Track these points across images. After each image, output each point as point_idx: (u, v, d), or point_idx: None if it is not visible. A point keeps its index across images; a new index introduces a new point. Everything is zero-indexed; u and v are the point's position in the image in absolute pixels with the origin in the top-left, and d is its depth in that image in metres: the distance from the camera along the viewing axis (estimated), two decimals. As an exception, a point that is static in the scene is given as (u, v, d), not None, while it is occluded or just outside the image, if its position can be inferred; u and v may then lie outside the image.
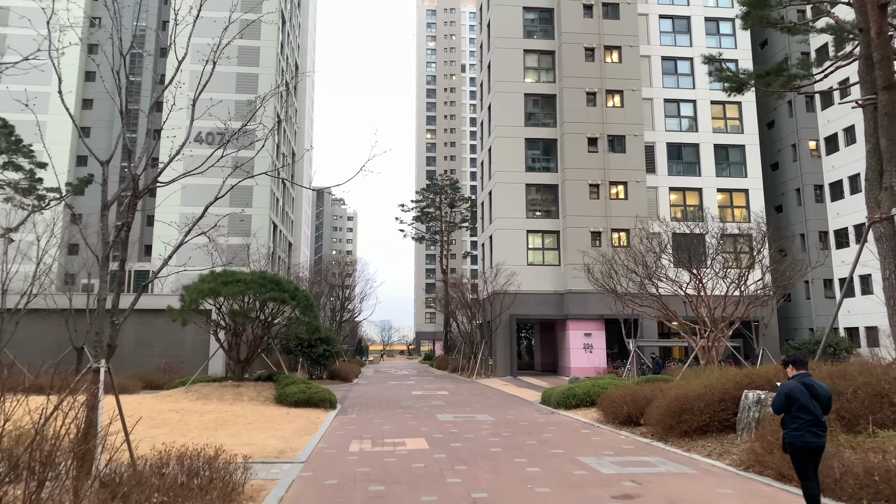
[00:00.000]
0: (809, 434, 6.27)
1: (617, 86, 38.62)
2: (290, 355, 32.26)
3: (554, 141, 39.01)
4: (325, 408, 18.15)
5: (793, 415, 6.35)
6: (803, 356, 6.81)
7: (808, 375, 6.54)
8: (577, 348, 35.74)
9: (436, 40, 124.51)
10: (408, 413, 17.70)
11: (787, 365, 6.76)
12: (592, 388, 18.09)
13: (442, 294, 63.71)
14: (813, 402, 6.31)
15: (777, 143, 42.36)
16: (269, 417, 15.52)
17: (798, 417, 6.31)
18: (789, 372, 6.69)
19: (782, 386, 6.53)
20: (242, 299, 20.25)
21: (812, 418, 6.27)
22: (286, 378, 20.08)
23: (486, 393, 25.14)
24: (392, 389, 27.24)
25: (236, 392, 19.09)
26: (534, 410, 18.50)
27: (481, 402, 20.88)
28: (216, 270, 20.49)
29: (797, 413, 6.31)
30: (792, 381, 6.50)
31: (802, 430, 6.29)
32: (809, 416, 6.27)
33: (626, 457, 10.48)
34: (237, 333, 20.84)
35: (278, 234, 64.94)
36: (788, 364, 6.73)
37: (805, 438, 6.28)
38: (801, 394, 6.32)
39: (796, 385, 6.40)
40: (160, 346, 30.41)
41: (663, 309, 20.90)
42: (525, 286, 36.32)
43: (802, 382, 6.42)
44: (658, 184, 39.28)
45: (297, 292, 20.58)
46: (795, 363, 6.65)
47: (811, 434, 6.27)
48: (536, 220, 38.27)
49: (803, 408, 6.28)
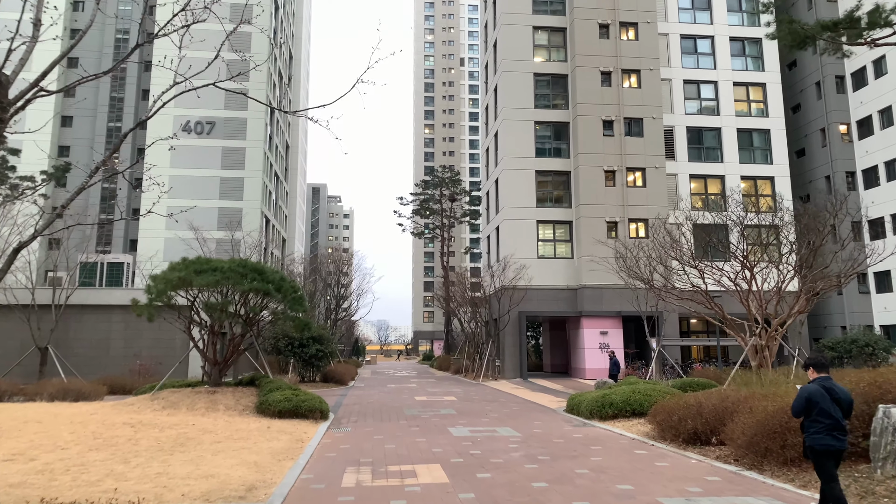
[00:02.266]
0: (830, 437, 6.09)
1: (633, 65, 35.79)
2: (279, 356, 29.38)
3: (566, 124, 36.16)
4: (314, 419, 15.26)
5: (813, 418, 6.19)
6: (825, 358, 6.53)
7: (829, 379, 6.33)
8: (592, 348, 32.91)
9: (434, 33, 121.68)
10: (413, 425, 14.83)
11: (807, 367, 6.54)
12: (633, 396, 15.26)
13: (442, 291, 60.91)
14: (834, 405, 6.14)
15: (804, 129, 39.59)
16: (244, 433, 12.62)
17: (818, 421, 6.15)
18: (810, 375, 6.46)
19: (802, 389, 6.34)
20: (220, 291, 17.35)
21: (833, 422, 6.10)
22: (270, 383, 17.18)
23: (499, 398, 22.28)
24: (392, 394, 24.37)
25: (211, 400, 16.19)
26: (562, 421, 15.65)
27: (497, 411, 18.01)
28: (189, 258, 17.59)
29: (817, 417, 6.15)
30: (813, 385, 6.30)
31: (823, 434, 6.11)
32: (830, 420, 6.10)
33: (725, 497, 7.63)
34: (214, 331, 17.94)
35: (271, 230, 62.00)
36: (809, 367, 6.50)
37: (825, 441, 6.10)
38: (821, 397, 6.15)
39: (817, 388, 6.22)
40: (136, 345, 27.46)
41: (710, 304, 18.07)
42: (536, 281, 33.47)
43: (823, 386, 6.24)
44: (678, 170, 36.47)
45: (284, 283, 17.68)
46: (816, 366, 6.42)
47: (832, 437, 6.09)
48: (547, 210, 35.41)
49: (824, 412, 6.12)
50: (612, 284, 32.27)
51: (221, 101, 57.44)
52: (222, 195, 56.21)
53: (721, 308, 18.19)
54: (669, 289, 19.55)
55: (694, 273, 19.73)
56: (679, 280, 20.13)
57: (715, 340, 29.80)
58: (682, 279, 19.66)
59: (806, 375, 6.74)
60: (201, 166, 56.17)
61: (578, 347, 33.89)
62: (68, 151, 57.71)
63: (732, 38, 38.14)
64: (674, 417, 11.60)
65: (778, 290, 18.02)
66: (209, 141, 56.76)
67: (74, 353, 26.39)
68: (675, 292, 19.42)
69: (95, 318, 27.17)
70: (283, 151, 70.18)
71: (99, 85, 59.05)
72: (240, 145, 57.16)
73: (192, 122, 57.04)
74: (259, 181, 56.80)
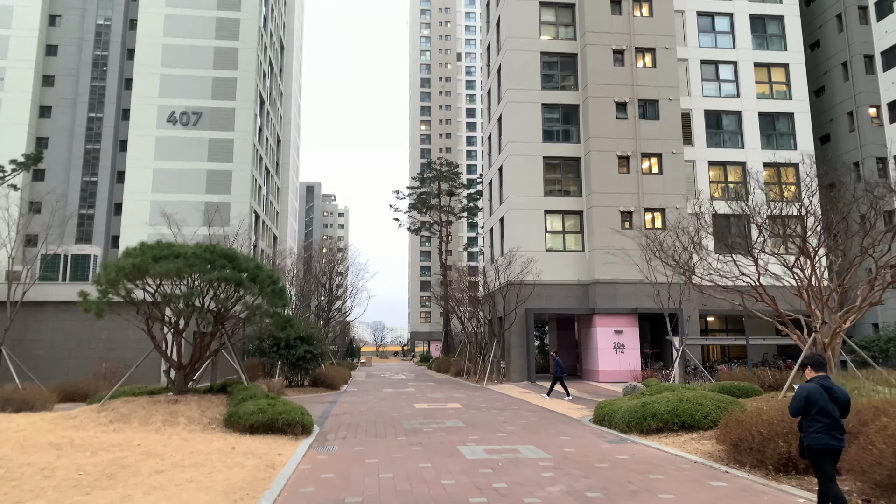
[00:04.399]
0: (828, 437, 6.02)
1: (648, 43, 33.17)
2: (263, 358, 26.64)
3: (575, 107, 33.50)
4: (294, 434, 12.53)
5: (811, 418, 6.12)
6: (822, 358, 6.51)
7: (826, 378, 6.28)
8: (606, 348, 30.24)
9: (430, 27, 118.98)
10: (415, 442, 12.13)
11: (805, 366, 6.49)
12: (680, 405, 12.58)
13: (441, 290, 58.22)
14: (832, 405, 6.07)
15: (828, 113, 37.02)
16: (200, 456, 9.89)
17: (817, 420, 6.07)
18: (808, 374, 6.40)
19: (800, 388, 6.27)
20: (185, 281, 14.62)
21: (831, 421, 6.04)
22: (244, 390, 14.42)
23: (510, 405, 19.58)
24: (389, 400, 21.64)
25: (170, 411, 13.45)
26: (593, 436, 12.96)
27: (513, 422, 15.30)
28: (149, 242, 14.84)
29: (816, 416, 6.08)
30: (811, 384, 6.23)
31: (822, 433, 6.03)
32: (829, 420, 6.04)
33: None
34: (179, 329, 15.20)
35: (261, 226, 59.17)
36: (807, 366, 6.44)
37: (825, 440, 6.02)
38: (820, 396, 6.08)
39: (815, 388, 6.15)
40: (102, 346, 24.65)
41: (765, 298, 15.42)
42: (544, 275, 30.80)
43: (822, 385, 6.17)
44: (696, 157, 33.85)
45: (260, 272, 14.95)
46: (815, 365, 6.38)
47: (830, 437, 6.02)
48: (556, 199, 32.74)
49: (822, 411, 6.06)
50: (628, 279, 29.69)
51: (209, 90, 54.64)
52: (209, 189, 53.32)
53: (775, 302, 15.55)
54: (712, 280, 16.85)
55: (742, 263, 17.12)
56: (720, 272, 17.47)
57: (744, 339, 27.19)
58: (726, 270, 17.01)
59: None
60: (187, 158, 53.32)
61: (590, 348, 31.22)
62: (47, 143, 54.77)
63: (753, 15, 35.55)
64: (755, 436, 8.91)
65: (842, 282, 15.42)
66: (195, 132, 53.88)
67: (32, 354, 23.57)
68: (716, 285, 16.73)
69: (56, 317, 24.38)
70: (274, 145, 67.36)
71: (79, 74, 56.14)
72: (228, 137, 54.30)
73: (178, 112, 54.16)
74: (248, 174, 53.98)
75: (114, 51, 57.23)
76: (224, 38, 55.83)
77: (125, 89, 56.75)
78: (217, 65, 55.34)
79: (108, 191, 55.02)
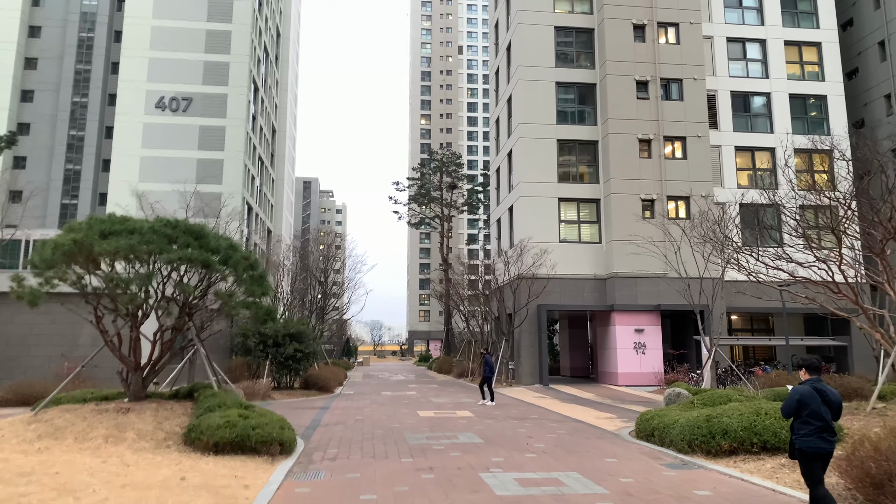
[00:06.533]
0: (820, 439, 5.96)
1: (671, 17, 30.57)
2: (248, 357, 24.00)
3: (592, 86, 30.87)
4: (270, 454, 9.88)
5: (803, 420, 6.05)
6: (818, 360, 6.32)
7: (819, 380, 6.17)
8: (625, 348, 27.63)
9: (431, 20, 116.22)
10: (424, 467, 9.48)
11: (799, 368, 6.39)
12: (758, 420, 9.96)
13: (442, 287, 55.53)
14: (824, 407, 6.00)
15: (862, 97, 34.44)
16: (133, 494, 7.24)
17: (809, 423, 6.00)
18: (802, 376, 6.32)
19: (794, 390, 6.19)
20: (142, 263, 11.96)
21: (822, 424, 5.96)
22: (212, 397, 11.75)
23: (529, 414, 16.94)
24: (388, 406, 18.99)
25: (118, 423, 10.79)
26: (645, 457, 10.33)
27: (539, 436, 12.65)
28: (99, 216, 12.19)
29: (808, 418, 6.01)
30: (804, 386, 6.15)
31: (813, 436, 5.97)
32: (821, 423, 5.96)
33: None
34: (136, 322, 12.53)
35: (254, 219, 56.45)
36: (801, 368, 6.34)
37: (815, 444, 5.96)
38: (812, 399, 6.02)
39: (808, 390, 6.08)
40: (67, 342, 21.96)
41: (847, 294, 12.81)
42: (558, 269, 28.19)
43: (815, 387, 6.08)
44: (721, 141, 31.25)
45: (234, 252, 12.29)
46: (809, 368, 6.26)
47: (821, 440, 5.96)
48: (570, 186, 30.12)
49: (815, 413, 5.98)
50: (650, 273, 27.10)
51: (200, 75, 51.87)
52: (199, 178, 50.45)
53: (857, 297, 12.95)
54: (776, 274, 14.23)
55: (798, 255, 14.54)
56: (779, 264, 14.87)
57: (782, 339, 24.59)
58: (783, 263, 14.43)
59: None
60: (176, 146, 50.56)
61: (608, 348, 28.60)
62: (29, 129, 52.00)
63: (783, -11, 32.97)
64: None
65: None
66: (185, 119, 51.13)
67: (-15, 352, 20.95)
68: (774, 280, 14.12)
69: (13, 310, 21.67)
70: (268, 135, 64.65)
71: (63, 57, 53.38)
72: (219, 124, 51.55)
73: (167, 97, 51.39)
74: (240, 164, 51.24)
75: (100, 33, 54.48)
76: (216, 19, 53.09)
77: (112, 73, 53.98)
78: (209, 48, 52.61)
79: (92, 180, 52.29)
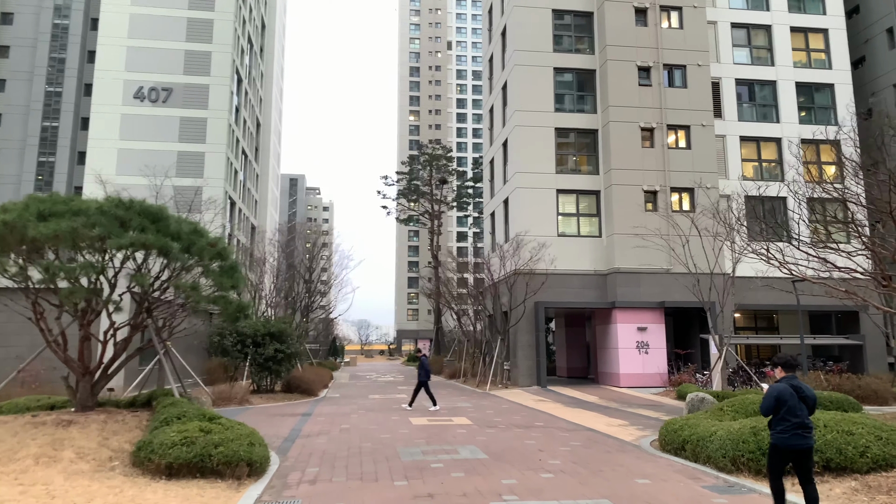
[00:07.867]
0: (796, 437, 6.18)
1: (674, 0, 29.13)
2: (225, 358, 22.22)
3: (592, 72, 29.34)
4: (234, 478, 8.19)
5: (780, 417, 6.25)
6: (793, 358, 6.56)
7: (795, 378, 6.39)
8: (627, 348, 26.12)
9: (420, 14, 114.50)
10: (421, 493, 7.81)
11: (775, 367, 6.60)
12: (817, 435, 8.41)
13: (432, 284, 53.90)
14: (801, 404, 6.22)
15: (869, 86, 33.20)
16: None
17: (785, 420, 6.21)
18: (777, 374, 6.53)
19: (771, 388, 6.38)
20: (89, 250, 10.22)
21: (798, 421, 6.18)
22: (170, 406, 10.02)
23: (534, 420, 15.32)
24: (378, 412, 17.30)
25: (55, 439, 9.05)
26: (682, 476, 8.74)
27: (551, 450, 11.03)
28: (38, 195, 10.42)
29: (785, 416, 6.22)
30: (781, 384, 6.36)
31: (789, 433, 6.19)
32: (797, 419, 6.18)
33: None
34: (84, 320, 10.78)
35: (237, 214, 54.45)
36: (777, 366, 6.56)
37: (791, 442, 6.20)
38: (789, 396, 6.21)
39: (785, 388, 6.28)
40: (25, 343, 20.04)
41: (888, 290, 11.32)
42: (556, 264, 26.64)
43: (791, 385, 6.30)
44: (726, 131, 29.85)
45: (199, 239, 10.58)
46: (784, 366, 6.50)
47: (798, 437, 6.18)
48: (569, 177, 28.57)
49: (791, 410, 6.19)
50: (653, 268, 25.66)
51: (180, 65, 49.81)
52: (179, 171, 48.46)
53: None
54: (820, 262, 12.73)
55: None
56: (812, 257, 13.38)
57: (796, 337, 23.20)
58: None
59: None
60: (156, 138, 48.45)
61: (609, 347, 27.08)
62: (0, 119, 49.72)
63: (789, -26, 31.65)
64: None
65: None
66: (165, 110, 49.05)
67: (-68, 354, 19.02)
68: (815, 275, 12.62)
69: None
70: (252, 129, 62.62)
71: (37, 45, 51.15)
72: (201, 115, 49.51)
73: (147, 87, 49.27)
74: (223, 157, 49.26)
75: (75, 20, 52.27)
76: (197, 7, 51.00)
77: (88, 62, 51.80)
78: (190, 37, 50.54)
79: (66, 172, 50.10)
